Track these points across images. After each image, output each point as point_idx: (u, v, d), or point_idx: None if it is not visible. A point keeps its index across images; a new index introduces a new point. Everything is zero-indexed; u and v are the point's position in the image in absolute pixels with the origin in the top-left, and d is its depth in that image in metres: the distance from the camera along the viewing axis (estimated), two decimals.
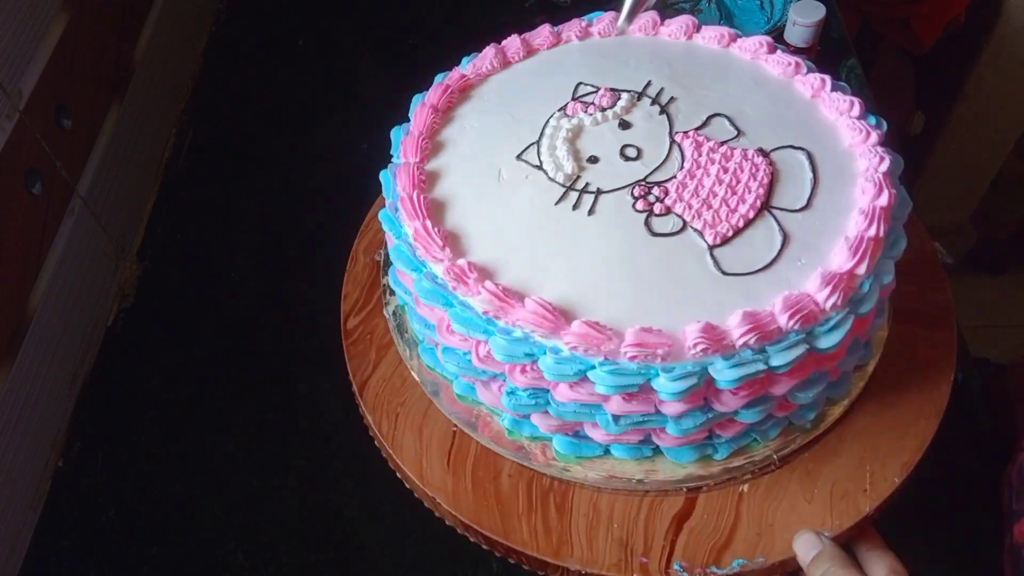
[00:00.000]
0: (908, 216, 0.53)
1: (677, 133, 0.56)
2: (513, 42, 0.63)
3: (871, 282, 0.49)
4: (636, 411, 0.48)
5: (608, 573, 0.50)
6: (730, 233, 0.51)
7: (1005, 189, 1.49)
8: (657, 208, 0.52)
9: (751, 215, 0.51)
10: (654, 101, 0.59)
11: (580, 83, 0.60)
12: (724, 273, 0.49)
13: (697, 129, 0.57)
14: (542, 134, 0.57)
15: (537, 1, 1.04)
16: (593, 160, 0.55)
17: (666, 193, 0.53)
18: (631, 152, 0.55)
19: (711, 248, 0.50)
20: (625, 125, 0.57)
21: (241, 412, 0.74)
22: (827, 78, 0.60)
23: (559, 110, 0.58)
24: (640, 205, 0.52)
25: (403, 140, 0.57)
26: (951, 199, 1.50)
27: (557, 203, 0.53)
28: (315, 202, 0.88)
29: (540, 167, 0.55)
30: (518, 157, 0.56)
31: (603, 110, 0.58)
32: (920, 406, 0.55)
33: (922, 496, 0.53)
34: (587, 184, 0.54)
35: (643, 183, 0.54)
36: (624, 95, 0.59)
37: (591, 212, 0.52)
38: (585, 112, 0.58)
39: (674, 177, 0.54)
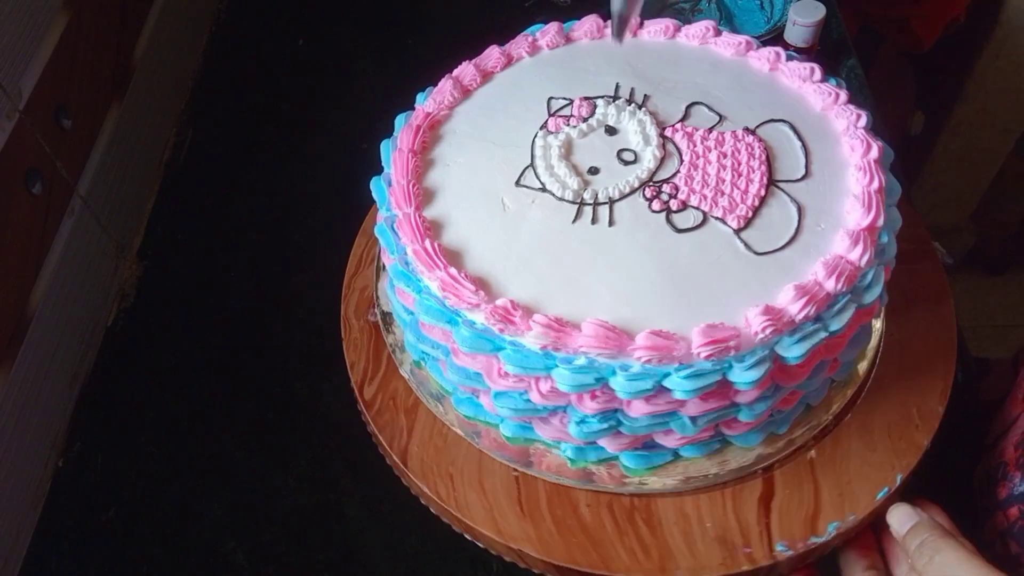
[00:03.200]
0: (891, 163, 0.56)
1: (666, 128, 0.56)
2: (466, 69, 0.61)
3: (888, 231, 0.50)
4: (713, 408, 0.48)
5: (717, 574, 0.50)
6: (750, 214, 0.52)
7: (1005, 189, 1.49)
8: (673, 204, 0.52)
9: (763, 193, 0.53)
10: (630, 101, 0.58)
11: (551, 98, 0.59)
12: (757, 253, 0.50)
13: (681, 121, 0.57)
14: (533, 155, 0.56)
15: (537, 1, 1.04)
16: (594, 171, 0.54)
17: (676, 189, 0.53)
18: (628, 156, 0.55)
19: (737, 232, 0.51)
20: (612, 131, 0.57)
21: (241, 412, 0.74)
22: (780, 50, 0.61)
23: (541, 128, 0.57)
24: (656, 205, 0.52)
25: (390, 191, 0.55)
26: (951, 199, 1.50)
27: (575, 221, 0.52)
28: (315, 202, 0.88)
29: (544, 189, 0.54)
30: (517, 183, 0.54)
31: (585, 120, 0.57)
32: (933, 355, 0.57)
33: (912, 492, 0.54)
34: (596, 196, 0.53)
35: (651, 184, 0.54)
36: (599, 101, 0.58)
37: (611, 223, 0.52)
38: (568, 125, 0.57)
39: (678, 172, 0.54)
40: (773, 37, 0.89)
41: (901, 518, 0.49)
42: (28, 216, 0.68)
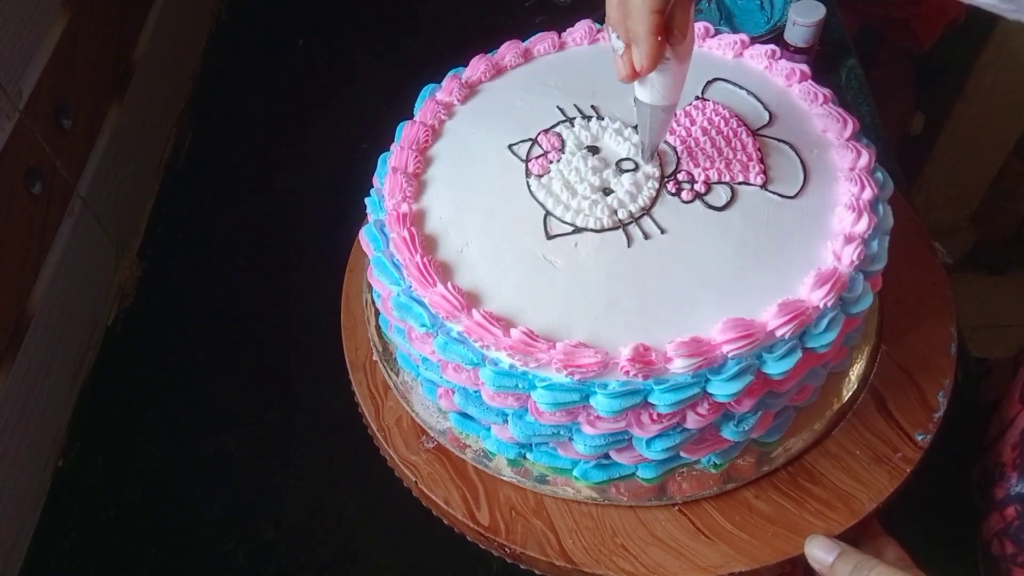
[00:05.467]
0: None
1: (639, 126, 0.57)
2: (403, 156, 0.57)
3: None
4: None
5: (892, 489, 0.52)
6: (763, 167, 0.54)
7: (1005, 189, 1.49)
8: (700, 188, 0.53)
9: (757, 145, 0.55)
10: (586, 117, 0.58)
11: (510, 145, 0.57)
12: (790, 197, 0.53)
13: None
14: (542, 204, 0.53)
15: (537, 1, 1.04)
16: (608, 192, 0.53)
17: (691, 175, 0.54)
18: (628, 165, 0.55)
19: (764, 187, 0.53)
20: (594, 150, 0.56)
21: (241, 412, 0.74)
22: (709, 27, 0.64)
23: (528, 177, 0.55)
24: (686, 196, 0.53)
25: (433, 306, 0.50)
26: (951, 199, 1.50)
27: (630, 245, 0.51)
28: (315, 201, 0.88)
29: (578, 229, 0.52)
30: (549, 236, 0.52)
31: (562, 150, 0.56)
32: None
33: (912, 492, 0.54)
34: (632, 213, 0.52)
35: (667, 179, 0.54)
36: (559, 128, 0.57)
37: (663, 231, 0.51)
38: (552, 162, 0.55)
39: (680, 159, 0.55)
40: (773, 37, 0.89)
41: (824, 547, 0.49)
42: (28, 216, 0.68)
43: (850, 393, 0.56)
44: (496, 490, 0.55)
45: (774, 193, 0.53)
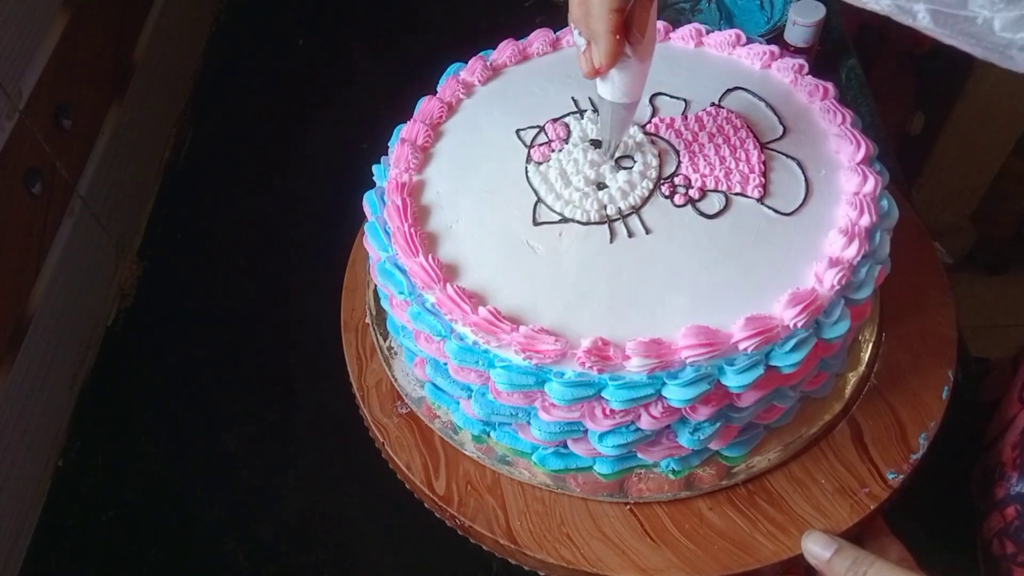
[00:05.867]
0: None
1: (646, 126, 0.57)
2: (415, 129, 0.58)
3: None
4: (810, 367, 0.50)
5: (852, 523, 0.51)
6: (764, 180, 0.53)
7: (1005, 189, 1.49)
8: (694, 194, 0.53)
9: (763, 158, 0.54)
10: (596, 110, 0.58)
11: (518, 130, 0.57)
12: (786, 214, 0.52)
13: (655, 115, 0.57)
14: (535, 190, 0.54)
15: (537, 1, 1.04)
16: (602, 187, 0.53)
17: (688, 180, 0.53)
18: (627, 163, 0.55)
19: (760, 201, 0.52)
20: (597, 144, 0.56)
21: (241, 412, 0.74)
22: (699, 27, 0.63)
23: (528, 162, 0.55)
24: (678, 200, 0.53)
25: (412, 275, 0.51)
26: (951, 199, 1.50)
27: (612, 241, 0.51)
28: (315, 201, 0.88)
29: (565, 219, 0.52)
30: (536, 223, 0.52)
31: (566, 140, 0.56)
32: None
33: (911, 492, 0.54)
34: (620, 210, 0.52)
35: (663, 181, 0.54)
36: (569, 119, 0.57)
37: (648, 231, 0.51)
38: (554, 151, 0.55)
39: (680, 163, 0.54)
40: (773, 37, 0.89)
41: (821, 543, 0.48)
42: (28, 216, 0.68)
43: (826, 420, 0.54)
44: (457, 462, 0.56)
45: (770, 208, 0.52)
